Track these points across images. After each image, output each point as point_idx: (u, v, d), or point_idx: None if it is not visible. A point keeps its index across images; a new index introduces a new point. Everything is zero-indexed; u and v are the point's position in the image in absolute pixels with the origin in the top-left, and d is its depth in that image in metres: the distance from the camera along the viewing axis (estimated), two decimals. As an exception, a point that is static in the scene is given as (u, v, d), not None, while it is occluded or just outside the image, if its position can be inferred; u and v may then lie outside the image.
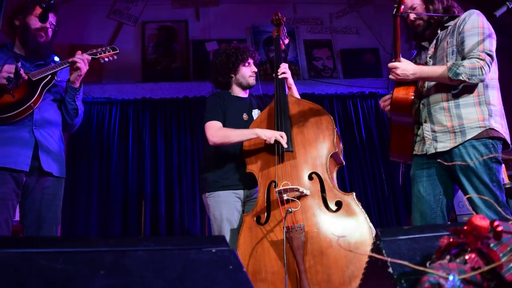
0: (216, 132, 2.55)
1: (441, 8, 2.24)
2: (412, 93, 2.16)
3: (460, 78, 1.99)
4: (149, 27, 5.65)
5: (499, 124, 2.12)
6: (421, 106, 2.26)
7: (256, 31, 5.76)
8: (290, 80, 2.77)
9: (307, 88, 5.56)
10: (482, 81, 2.04)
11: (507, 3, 1.87)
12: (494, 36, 2.14)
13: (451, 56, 2.16)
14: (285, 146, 2.37)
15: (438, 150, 2.15)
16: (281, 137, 2.39)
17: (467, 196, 2.05)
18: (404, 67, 2.11)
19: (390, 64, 2.14)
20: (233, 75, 2.77)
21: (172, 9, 5.77)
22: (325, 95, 5.60)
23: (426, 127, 2.21)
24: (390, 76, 2.17)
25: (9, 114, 2.16)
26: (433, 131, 2.18)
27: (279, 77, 2.70)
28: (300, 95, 3.27)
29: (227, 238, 2.47)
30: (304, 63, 5.80)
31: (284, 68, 2.73)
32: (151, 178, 4.96)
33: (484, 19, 2.14)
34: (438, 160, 2.03)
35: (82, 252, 0.89)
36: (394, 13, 2.10)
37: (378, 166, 5.38)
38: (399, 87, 2.21)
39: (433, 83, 2.21)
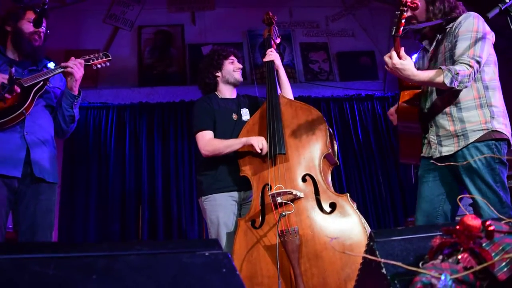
0: (206, 146, 2.57)
1: (443, 9, 2.20)
2: (418, 101, 2.22)
3: (454, 85, 1.99)
4: (145, 31, 5.66)
5: (503, 125, 2.10)
6: (426, 111, 2.26)
7: (252, 35, 5.77)
8: (278, 62, 2.80)
9: (303, 91, 5.57)
10: (465, 87, 2.04)
11: (500, 4, 1.87)
12: (490, 37, 2.12)
13: (449, 61, 2.14)
14: (260, 152, 2.40)
15: (443, 154, 2.15)
16: (263, 144, 2.42)
17: (463, 196, 2.05)
18: (401, 65, 2.01)
19: (389, 54, 2.04)
20: (218, 74, 2.77)
21: (168, 13, 5.78)
22: (321, 98, 5.61)
23: (431, 131, 2.22)
24: (385, 67, 2.08)
25: (0, 121, 2.15)
26: (438, 135, 2.19)
27: (265, 60, 2.78)
28: (296, 98, 3.27)
29: (224, 242, 2.46)
30: (301, 66, 5.82)
31: (269, 52, 2.80)
32: (149, 182, 4.96)
33: (480, 22, 2.12)
34: (439, 164, 2.02)
35: (75, 257, 0.89)
36: (393, 33, 2.04)
37: (375, 167, 5.39)
38: (404, 96, 2.24)
39: (435, 89, 2.22)
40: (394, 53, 2.02)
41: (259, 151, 2.41)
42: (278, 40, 3.00)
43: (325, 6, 6.10)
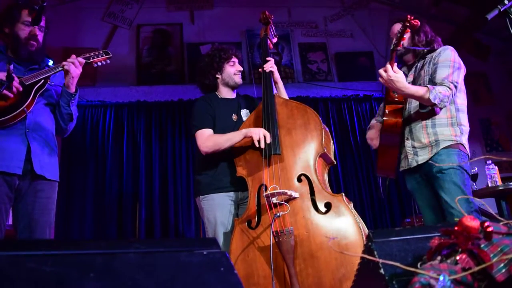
0: (206, 142, 2.54)
1: (425, 40, 2.53)
2: (401, 117, 2.50)
3: (436, 101, 2.26)
4: (143, 30, 5.66)
5: (467, 143, 2.43)
6: (404, 124, 2.53)
7: (250, 34, 5.77)
8: (276, 75, 2.77)
9: (301, 91, 5.57)
10: (444, 106, 2.34)
11: (499, 6, 1.89)
12: (463, 69, 2.45)
13: (427, 84, 2.40)
14: (261, 146, 2.37)
15: (419, 162, 2.44)
16: (264, 136, 2.38)
17: (460, 197, 2.14)
18: (395, 78, 2.27)
19: (385, 68, 2.29)
20: (219, 76, 2.76)
21: (167, 12, 5.78)
22: (319, 98, 5.62)
23: (408, 144, 2.50)
24: (380, 79, 2.35)
25: (2, 119, 2.14)
26: (414, 147, 2.47)
27: (266, 70, 2.72)
28: (294, 98, 3.27)
29: (221, 241, 2.46)
30: (299, 66, 5.82)
31: (270, 63, 2.75)
32: (146, 181, 4.95)
33: (456, 54, 2.45)
34: (437, 165, 2.29)
35: (72, 255, 0.89)
36: (392, 47, 2.35)
37: (372, 168, 5.39)
38: (389, 112, 2.51)
39: (414, 106, 2.50)
40: (389, 66, 2.28)
41: (257, 144, 2.38)
42: (274, 40, 2.98)
43: (324, 6, 6.11)
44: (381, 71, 2.30)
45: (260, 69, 2.76)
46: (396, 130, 2.50)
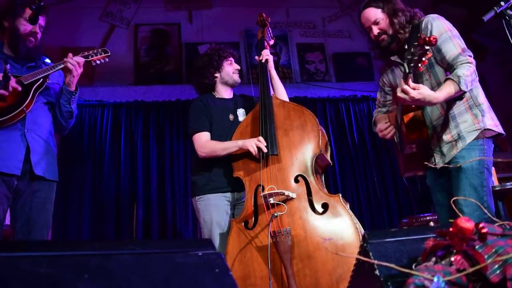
0: (203, 147, 2.56)
1: (406, 18, 2.25)
2: (424, 124, 2.22)
3: (471, 87, 2.03)
4: (141, 29, 5.65)
5: (491, 120, 2.17)
6: (426, 124, 2.29)
7: (249, 35, 5.77)
8: (273, 71, 2.79)
9: (299, 91, 5.57)
10: (477, 82, 2.09)
11: (495, 7, 1.89)
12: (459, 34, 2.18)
13: (430, 69, 2.21)
14: (265, 150, 2.37)
15: (446, 161, 2.20)
16: (259, 141, 2.39)
17: (456, 198, 2.06)
18: (421, 95, 1.96)
19: (403, 89, 1.97)
20: (217, 75, 2.77)
21: (165, 12, 5.78)
22: (317, 99, 5.62)
23: (434, 144, 2.27)
24: (403, 103, 2.06)
25: (1, 119, 2.14)
26: (440, 146, 2.24)
27: (262, 60, 2.74)
28: (292, 98, 3.27)
29: (217, 242, 2.46)
30: (297, 67, 5.83)
31: (266, 51, 2.79)
32: (144, 181, 4.95)
33: (446, 21, 2.19)
34: (432, 165, 2.10)
35: (67, 256, 0.88)
36: (409, 70, 1.92)
37: (370, 168, 5.41)
38: (410, 123, 2.21)
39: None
40: (407, 87, 1.95)
41: (255, 154, 2.40)
42: (271, 42, 2.99)
43: (322, 6, 6.12)
44: (402, 95, 1.97)
45: (258, 67, 2.78)
46: (422, 140, 2.24)
